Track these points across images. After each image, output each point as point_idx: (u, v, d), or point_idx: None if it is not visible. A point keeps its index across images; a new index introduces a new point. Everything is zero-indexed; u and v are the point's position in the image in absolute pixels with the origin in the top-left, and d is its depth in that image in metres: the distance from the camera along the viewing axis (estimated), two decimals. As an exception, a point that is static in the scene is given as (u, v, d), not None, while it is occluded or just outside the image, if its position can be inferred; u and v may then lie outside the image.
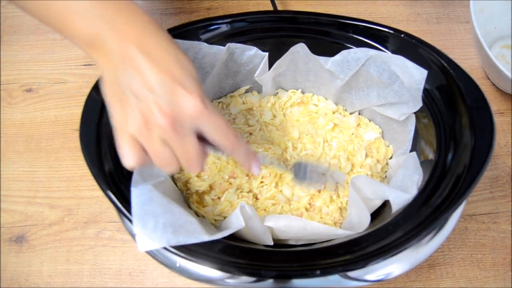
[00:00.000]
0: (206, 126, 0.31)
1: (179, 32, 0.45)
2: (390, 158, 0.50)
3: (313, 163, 0.48)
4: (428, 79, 0.43)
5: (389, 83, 0.46)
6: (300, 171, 0.46)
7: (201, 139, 0.33)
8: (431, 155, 0.42)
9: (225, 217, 0.45)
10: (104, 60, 0.31)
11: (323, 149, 0.50)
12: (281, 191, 0.47)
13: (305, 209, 0.46)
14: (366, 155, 0.49)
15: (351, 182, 0.42)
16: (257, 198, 0.47)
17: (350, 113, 0.53)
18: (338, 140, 0.50)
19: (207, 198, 0.46)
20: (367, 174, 0.48)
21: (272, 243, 0.40)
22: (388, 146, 0.51)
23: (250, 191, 0.47)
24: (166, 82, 0.29)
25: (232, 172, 0.47)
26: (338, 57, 0.46)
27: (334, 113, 0.53)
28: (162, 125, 0.30)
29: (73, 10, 0.31)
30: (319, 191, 0.47)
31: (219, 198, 0.46)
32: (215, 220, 0.45)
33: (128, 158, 0.32)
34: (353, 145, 0.50)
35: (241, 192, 0.46)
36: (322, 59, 0.47)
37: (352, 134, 0.51)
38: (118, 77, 0.30)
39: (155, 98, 0.29)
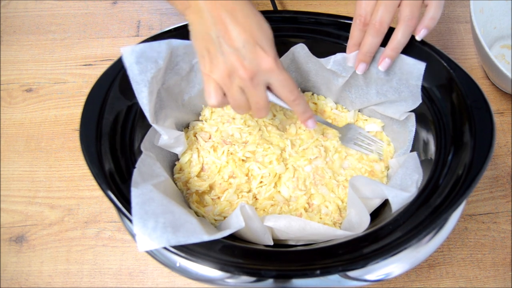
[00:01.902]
0: (276, 81, 0.38)
1: (180, 33, 0.45)
2: (391, 158, 0.50)
3: (363, 129, 0.51)
4: (428, 79, 0.43)
5: (387, 79, 0.46)
6: (349, 133, 0.49)
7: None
8: (431, 155, 0.42)
9: (225, 217, 0.45)
10: (197, 19, 0.37)
11: (316, 140, 0.50)
12: (279, 191, 0.47)
13: (304, 209, 0.46)
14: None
15: (350, 182, 0.42)
16: (256, 199, 0.47)
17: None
18: (333, 133, 0.51)
19: (207, 198, 0.46)
20: (368, 171, 0.48)
21: (272, 243, 0.40)
22: (389, 145, 0.51)
23: (249, 191, 0.47)
24: (249, 42, 0.36)
25: (232, 172, 0.47)
26: (339, 56, 0.46)
27: (332, 110, 0.53)
28: (242, 76, 0.36)
29: None
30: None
31: (219, 198, 0.46)
32: (215, 220, 0.45)
33: (212, 98, 0.38)
34: None
35: (240, 192, 0.46)
36: (322, 60, 0.47)
37: None
38: (209, 33, 0.36)
39: (238, 54, 0.36)
